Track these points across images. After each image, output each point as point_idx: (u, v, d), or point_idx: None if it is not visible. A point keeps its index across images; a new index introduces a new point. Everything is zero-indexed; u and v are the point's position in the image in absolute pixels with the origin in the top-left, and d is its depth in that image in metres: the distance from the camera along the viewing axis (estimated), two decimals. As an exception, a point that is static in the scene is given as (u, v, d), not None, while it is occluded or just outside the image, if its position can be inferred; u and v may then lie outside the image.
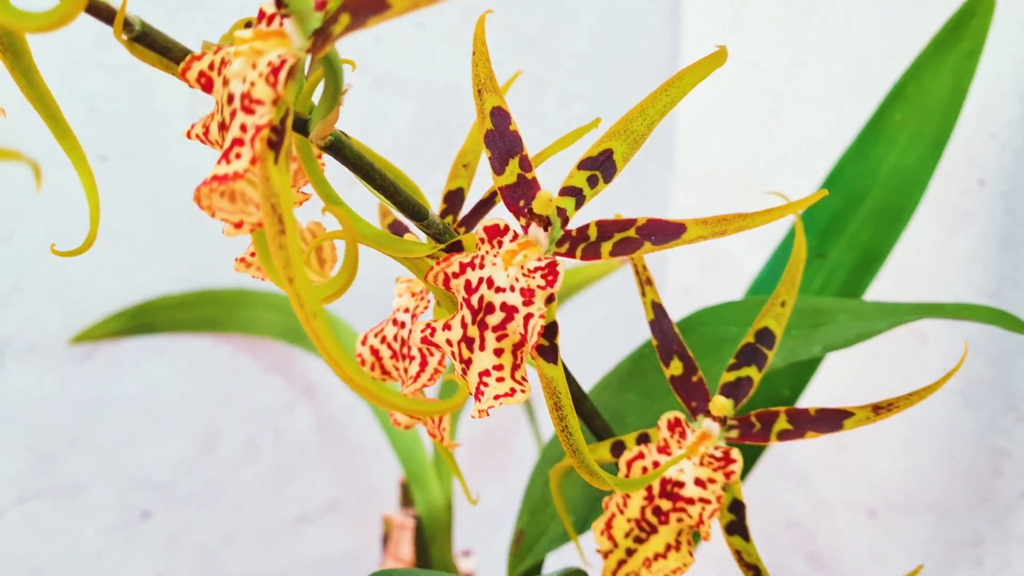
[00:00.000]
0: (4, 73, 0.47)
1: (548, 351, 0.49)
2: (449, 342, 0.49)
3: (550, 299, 0.47)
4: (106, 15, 0.41)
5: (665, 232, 0.47)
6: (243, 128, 0.38)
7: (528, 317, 0.46)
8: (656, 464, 0.58)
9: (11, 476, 0.97)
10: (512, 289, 0.47)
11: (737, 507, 0.59)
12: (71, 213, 0.92)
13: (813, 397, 0.89)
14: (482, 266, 0.48)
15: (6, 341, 0.95)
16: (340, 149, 0.45)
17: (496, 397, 0.46)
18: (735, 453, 0.58)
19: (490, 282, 0.47)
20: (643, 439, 0.60)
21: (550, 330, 0.48)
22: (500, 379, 0.47)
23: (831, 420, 0.56)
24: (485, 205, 0.58)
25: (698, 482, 0.57)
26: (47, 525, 1.00)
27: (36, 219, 0.93)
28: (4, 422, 0.96)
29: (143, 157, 0.98)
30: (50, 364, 0.98)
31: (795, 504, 1.17)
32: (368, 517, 1.20)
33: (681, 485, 0.58)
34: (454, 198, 0.60)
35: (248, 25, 0.42)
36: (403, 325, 0.60)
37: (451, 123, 1.15)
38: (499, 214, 0.53)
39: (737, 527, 0.59)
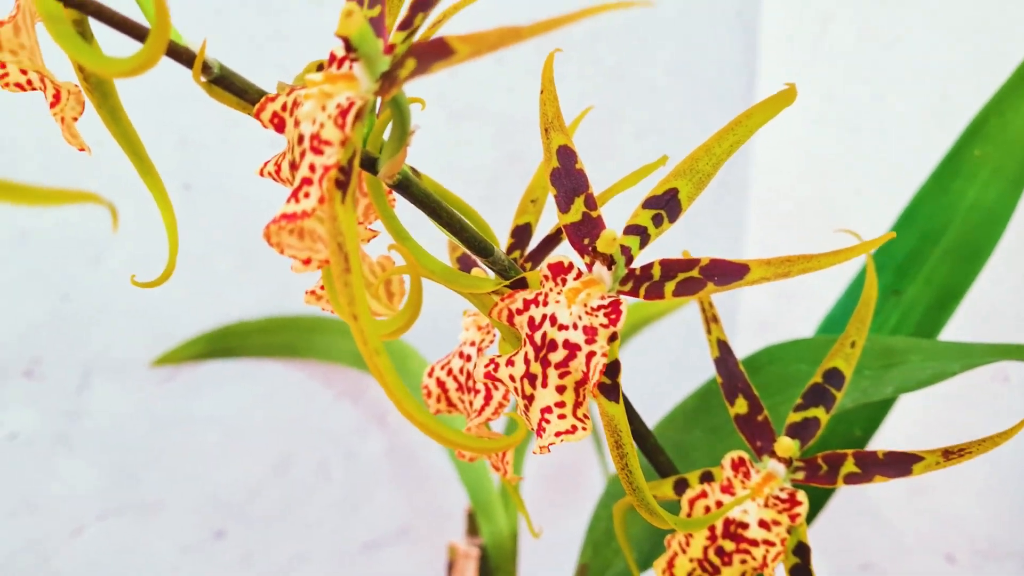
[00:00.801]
0: (91, 111, 0.50)
1: (610, 389, 0.49)
2: (512, 378, 0.49)
3: (613, 337, 0.47)
4: (186, 58, 0.43)
5: (728, 273, 0.46)
6: (312, 168, 0.39)
7: (590, 355, 0.47)
8: (719, 504, 0.58)
9: (93, 492, 1.01)
10: (575, 327, 0.47)
11: (802, 550, 0.58)
12: (158, 238, 0.95)
13: (890, 437, 0.87)
14: (546, 303, 0.48)
15: (92, 360, 0.98)
16: (407, 187, 0.46)
17: (557, 434, 0.47)
18: (801, 495, 0.57)
19: (553, 319, 0.48)
20: (706, 478, 0.59)
21: (612, 368, 0.48)
22: (562, 416, 0.47)
23: (900, 464, 0.55)
24: (551, 241, 0.58)
25: (762, 524, 0.57)
26: (126, 541, 1.03)
27: (124, 243, 0.97)
28: (88, 439, 1.00)
29: (227, 185, 1.01)
30: (133, 384, 1.01)
31: (870, 545, 1.14)
32: (438, 544, 1.21)
33: (745, 526, 0.57)
34: (522, 233, 0.61)
35: (320, 68, 0.43)
36: (469, 358, 0.60)
37: (527, 157, 1.16)
38: (565, 250, 0.53)
39: (802, 571, 0.58)
